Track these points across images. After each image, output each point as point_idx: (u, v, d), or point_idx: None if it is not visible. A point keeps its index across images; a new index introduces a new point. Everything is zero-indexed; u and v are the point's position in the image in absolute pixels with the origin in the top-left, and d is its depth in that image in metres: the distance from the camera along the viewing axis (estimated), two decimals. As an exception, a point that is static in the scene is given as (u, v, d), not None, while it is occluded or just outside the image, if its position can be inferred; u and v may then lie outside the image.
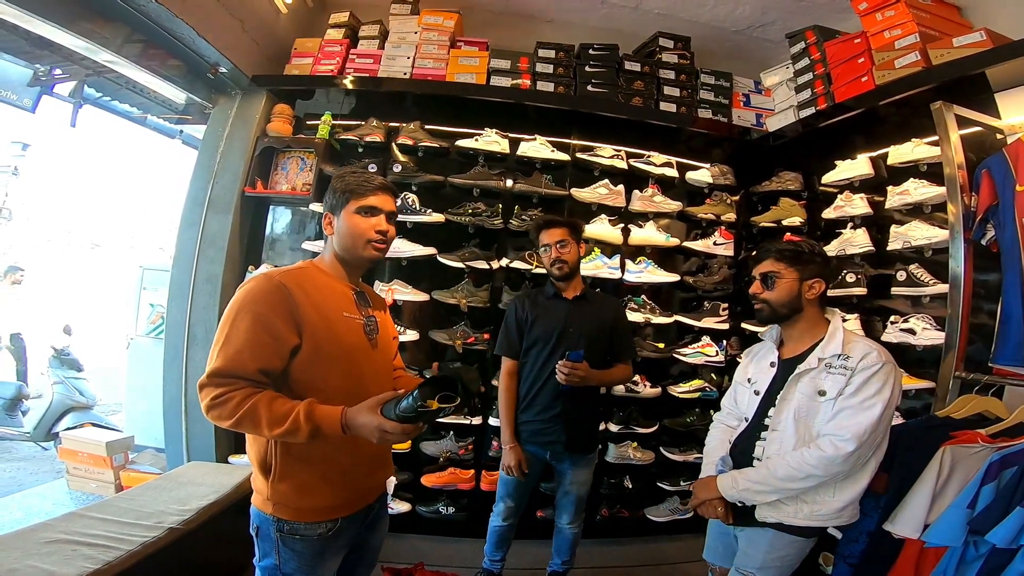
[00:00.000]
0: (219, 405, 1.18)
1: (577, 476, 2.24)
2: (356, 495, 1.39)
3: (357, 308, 1.41)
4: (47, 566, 1.52)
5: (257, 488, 1.34)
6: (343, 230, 1.40)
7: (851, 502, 1.50)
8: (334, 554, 1.38)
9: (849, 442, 1.40)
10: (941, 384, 1.96)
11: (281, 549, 1.30)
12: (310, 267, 1.41)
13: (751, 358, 1.77)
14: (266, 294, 1.25)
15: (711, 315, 2.96)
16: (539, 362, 2.16)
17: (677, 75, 3.06)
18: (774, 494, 1.50)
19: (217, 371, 1.20)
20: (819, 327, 1.59)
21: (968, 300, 1.94)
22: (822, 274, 1.59)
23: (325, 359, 1.29)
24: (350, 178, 1.42)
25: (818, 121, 2.67)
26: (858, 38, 2.47)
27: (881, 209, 2.45)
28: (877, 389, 1.43)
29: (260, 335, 1.21)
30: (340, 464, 1.32)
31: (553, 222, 2.19)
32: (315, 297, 1.31)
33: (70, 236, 15.16)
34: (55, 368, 4.16)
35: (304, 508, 1.29)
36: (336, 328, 1.33)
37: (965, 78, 2.03)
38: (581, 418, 2.19)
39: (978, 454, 1.52)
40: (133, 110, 3.73)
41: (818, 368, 1.51)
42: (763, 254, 1.65)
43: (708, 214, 3.01)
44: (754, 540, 1.58)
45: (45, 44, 2.70)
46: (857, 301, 2.52)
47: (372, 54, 2.90)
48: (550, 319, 2.18)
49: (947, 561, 1.49)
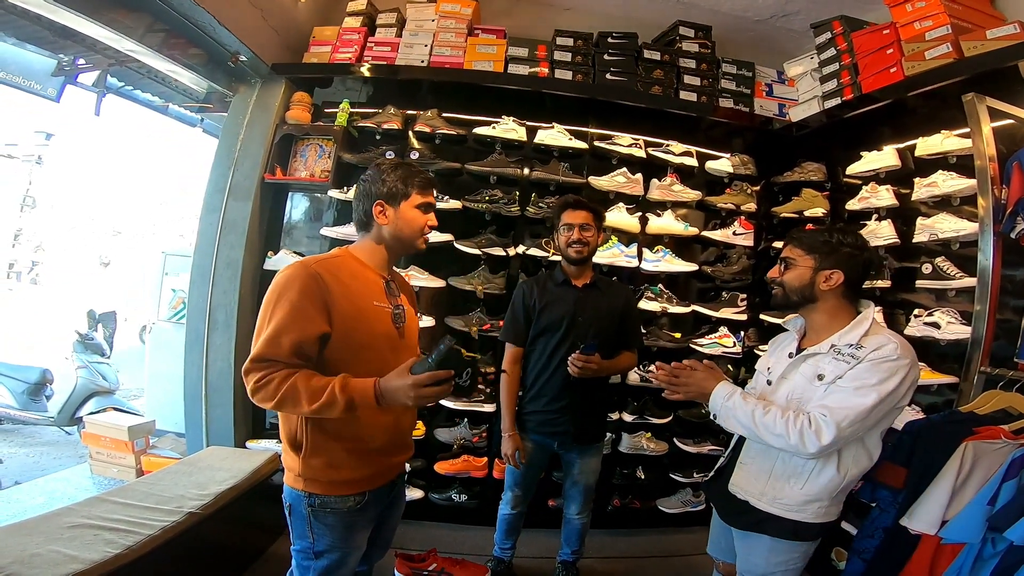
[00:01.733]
0: (262, 388, 1.24)
1: (585, 466, 2.23)
2: (381, 470, 1.45)
3: (387, 297, 1.45)
4: (69, 550, 1.56)
5: (288, 466, 1.39)
6: (402, 222, 1.44)
7: (817, 498, 1.43)
8: (363, 527, 1.44)
9: (829, 426, 1.30)
10: (966, 380, 1.93)
11: (314, 525, 1.37)
12: (346, 255, 1.45)
13: (773, 348, 1.73)
14: (300, 281, 1.29)
15: (729, 306, 2.93)
16: (547, 351, 2.13)
17: (698, 64, 3.02)
18: (743, 428, 1.43)
19: (258, 356, 1.26)
20: (842, 319, 1.48)
21: (996, 294, 1.90)
22: (844, 266, 1.47)
23: (355, 348, 1.34)
24: (407, 172, 1.45)
25: (844, 112, 2.62)
26: (887, 29, 2.42)
27: (907, 201, 2.40)
28: (879, 379, 1.32)
29: (294, 320, 1.26)
30: (366, 441, 1.39)
31: (580, 203, 2.13)
32: (349, 286, 1.35)
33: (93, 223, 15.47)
34: (79, 353, 4.24)
35: (335, 481, 1.36)
36: (367, 317, 1.37)
37: (997, 71, 1.98)
38: (590, 408, 2.17)
39: (1000, 450, 1.49)
40: (155, 99, 3.80)
41: (826, 353, 1.43)
42: (788, 239, 1.60)
43: (728, 204, 2.98)
44: (752, 546, 1.55)
45: (69, 34, 2.75)
46: (880, 294, 2.47)
47: (390, 42, 2.90)
48: (559, 307, 2.13)
49: (964, 558, 1.47)
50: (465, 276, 2.79)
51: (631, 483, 2.95)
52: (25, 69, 3.30)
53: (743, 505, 1.54)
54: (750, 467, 1.54)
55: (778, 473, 1.47)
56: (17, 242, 13.72)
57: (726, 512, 1.64)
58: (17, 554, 1.48)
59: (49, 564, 1.46)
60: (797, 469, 1.45)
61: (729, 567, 1.74)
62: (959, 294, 2.15)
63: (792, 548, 1.50)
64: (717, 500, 1.71)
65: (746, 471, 1.55)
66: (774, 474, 1.48)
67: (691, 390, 1.52)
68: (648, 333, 2.89)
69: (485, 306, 2.79)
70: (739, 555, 1.62)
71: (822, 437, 1.31)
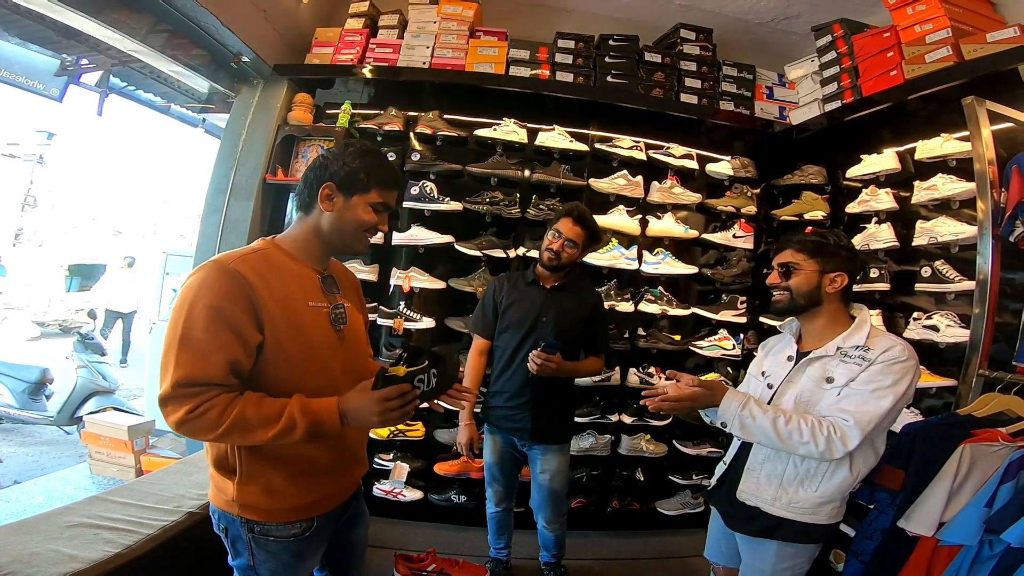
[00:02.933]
0: (196, 419, 1.03)
1: (547, 463, 2.19)
2: (330, 493, 1.28)
3: (324, 295, 1.25)
4: (69, 550, 1.55)
5: (219, 487, 1.21)
6: (348, 215, 1.23)
7: (831, 499, 1.45)
8: (313, 552, 1.28)
9: (853, 432, 1.33)
10: (964, 382, 1.93)
11: (255, 550, 1.20)
12: (270, 248, 1.22)
13: (767, 351, 1.73)
14: (221, 285, 1.08)
15: (729, 308, 2.94)
16: (510, 348, 2.16)
17: (699, 67, 3.02)
18: (764, 439, 1.42)
19: (183, 380, 1.03)
20: (840, 322, 1.51)
21: (994, 297, 1.91)
22: (846, 268, 1.50)
23: (290, 359, 1.15)
24: (373, 162, 1.25)
25: (844, 115, 2.63)
26: (887, 32, 2.42)
27: (907, 204, 2.41)
28: (894, 381, 1.36)
29: (223, 332, 1.06)
30: (311, 462, 1.20)
31: (582, 220, 2.11)
32: (276, 286, 1.14)
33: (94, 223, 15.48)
34: (79, 352, 4.26)
35: (275, 509, 1.18)
36: (300, 321, 1.17)
37: (997, 74, 1.98)
38: (550, 407, 2.17)
39: (998, 452, 1.49)
40: (157, 99, 3.80)
41: (833, 356, 1.45)
42: (784, 244, 1.60)
43: (728, 206, 2.98)
44: (758, 551, 1.54)
45: (72, 34, 2.76)
46: (880, 297, 2.48)
47: (391, 43, 2.91)
48: (525, 305, 2.17)
49: (961, 560, 1.47)
50: (466, 277, 2.79)
51: (630, 485, 2.95)
52: (28, 69, 3.31)
53: (752, 511, 1.53)
54: (758, 473, 1.53)
55: (789, 477, 1.47)
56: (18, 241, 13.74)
57: (733, 519, 1.62)
58: (16, 553, 1.47)
59: (48, 563, 1.45)
60: (810, 472, 1.45)
61: (729, 572, 1.74)
62: (958, 297, 2.15)
63: (799, 552, 1.51)
64: (722, 507, 1.70)
65: (755, 477, 1.53)
66: (785, 479, 1.48)
67: (696, 403, 1.50)
68: (648, 335, 2.90)
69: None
70: (745, 561, 1.61)
71: (848, 442, 1.34)
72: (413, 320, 2.75)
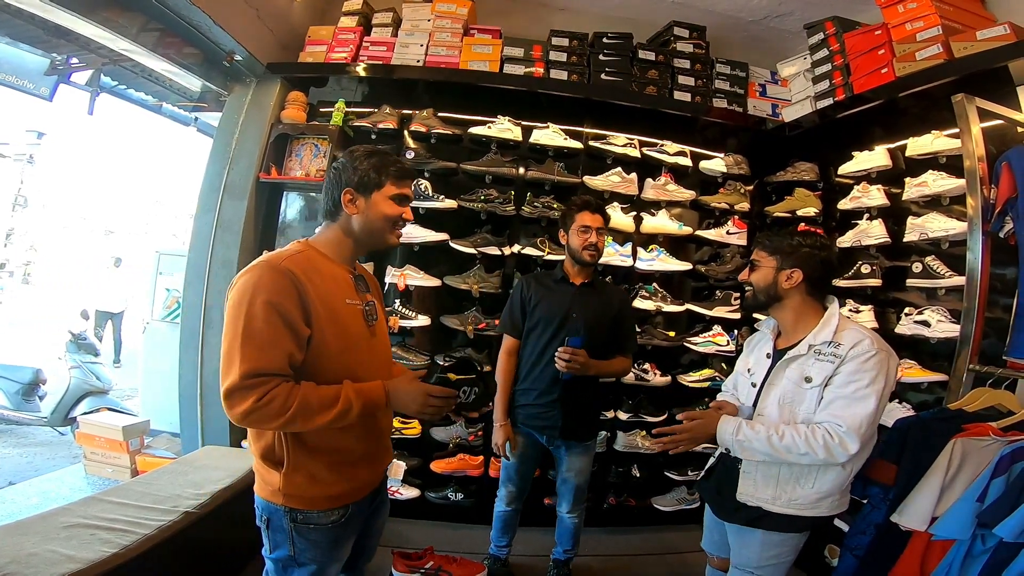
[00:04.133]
0: (263, 407, 1.11)
1: (573, 463, 2.24)
2: (363, 482, 1.38)
3: (357, 294, 1.36)
4: (66, 550, 1.54)
5: (265, 480, 1.28)
6: (373, 213, 1.33)
7: (829, 494, 1.49)
8: (347, 539, 1.37)
9: (851, 436, 1.37)
10: (955, 377, 1.95)
11: (296, 539, 1.27)
12: (309, 250, 1.31)
13: (750, 348, 1.78)
14: (276, 282, 1.17)
15: (723, 304, 2.96)
16: (540, 345, 2.16)
17: (692, 64, 3.04)
18: (765, 456, 1.47)
19: (250, 372, 1.11)
20: (811, 317, 1.56)
21: (984, 293, 1.93)
22: (802, 265, 1.54)
23: (332, 352, 1.24)
24: (381, 160, 1.35)
25: (836, 112, 2.65)
26: (879, 30, 2.44)
27: (898, 200, 2.43)
28: (871, 379, 1.40)
29: (280, 326, 1.15)
30: (348, 453, 1.30)
31: (599, 208, 2.16)
32: (319, 285, 1.24)
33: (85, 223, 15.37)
34: (72, 352, 4.23)
35: (318, 497, 1.27)
36: (340, 317, 1.27)
37: (987, 71, 2.01)
38: (579, 405, 2.18)
39: (989, 447, 1.52)
40: (149, 98, 3.79)
41: (807, 355, 1.50)
42: (755, 243, 1.70)
43: (721, 203, 3.00)
44: (746, 540, 1.59)
45: (62, 33, 2.74)
46: (872, 292, 2.51)
47: (385, 41, 2.90)
48: (554, 303, 2.17)
49: (954, 554, 1.49)
50: (461, 275, 2.80)
51: (626, 481, 2.97)
52: (18, 68, 3.29)
53: (739, 503, 1.57)
54: (755, 475, 1.56)
55: (785, 477, 1.51)
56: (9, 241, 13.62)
57: (721, 509, 1.68)
58: (14, 554, 1.47)
59: (46, 563, 1.45)
60: (804, 470, 1.49)
61: (723, 562, 1.78)
62: (949, 293, 2.18)
63: (785, 541, 1.54)
64: (710, 498, 1.76)
65: (752, 480, 1.56)
66: (781, 478, 1.51)
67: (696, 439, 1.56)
68: (643, 331, 2.90)
69: (481, 305, 2.80)
70: (733, 549, 1.65)
71: (848, 447, 1.38)
72: (408, 318, 2.75)
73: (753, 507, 1.54)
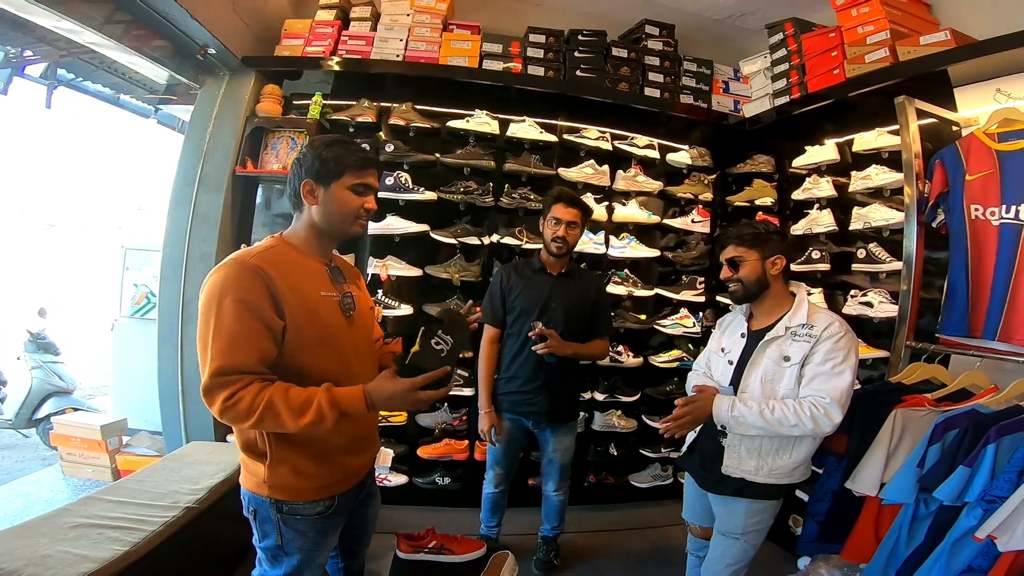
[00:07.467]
0: (232, 407, 1.12)
1: (559, 443, 2.36)
2: (349, 472, 1.39)
3: (333, 285, 1.36)
4: (78, 550, 1.55)
5: (250, 471, 1.30)
6: (332, 204, 1.32)
7: (802, 462, 1.66)
8: (334, 529, 1.40)
9: (834, 407, 1.52)
10: (894, 353, 2.14)
11: (283, 529, 1.29)
12: (281, 245, 1.32)
13: (723, 329, 1.91)
14: (245, 279, 1.17)
15: (689, 288, 3.15)
16: (522, 335, 2.23)
17: (661, 62, 3.17)
18: (759, 430, 1.60)
19: (219, 369, 1.12)
20: (784, 300, 1.71)
21: (919, 276, 2.13)
22: (781, 250, 1.70)
23: (308, 344, 1.25)
24: (341, 149, 1.33)
25: (791, 109, 2.84)
26: (833, 32, 2.62)
27: (845, 192, 2.63)
28: (844, 356, 1.56)
29: (251, 322, 1.15)
30: (332, 445, 1.31)
31: (573, 201, 2.21)
32: (292, 279, 1.24)
33: (23, 217, 14.40)
34: (32, 352, 4.05)
35: (303, 488, 1.28)
36: (315, 309, 1.27)
37: (929, 74, 2.20)
38: (562, 389, 2.29)
39: (925, 417, 1.67)
40: (107, 90, 3.62)
41: (784, 336, 1.63)
42: (725, 240, 1.77)
43: (687, 193, 3.17)
44: (731, 509, 1.73)
45: (17, 25, 2.59)
46: (821, 276, 2.72)
47: (364, 36, 2.89)
48: (533, 292, 2.26)
49: (902, 518, 1.63)
50: (441, 264, 2.86)
51: (605, 460, 3.12)
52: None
53: (724, 475, 1.71)
54: (739, 449, 1.69)
55: (767, 449, 1.66)
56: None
57: (705, 481, 1.81)
58: (28, 556, 1.47)
59: (62, 564, 1.46)
60: (784, 442, 1.65)
61: (705, 531, 1.94)
62: (889, 276, 2.39)
63: (766, 508, 1.71)
64: (694, 471, 1.89)
65: (736, 453, 1.69)
66: (763, 451, 1.66)
67: (697, 419, 1.70)
68: (615, 315, 3.04)
69: (461, 293, 2.88)
70: (719, 518, 1.80)
71: (833, 417, 1.53)
72: (391, 307, 2.80)
73: (737, 478, 1.68)
